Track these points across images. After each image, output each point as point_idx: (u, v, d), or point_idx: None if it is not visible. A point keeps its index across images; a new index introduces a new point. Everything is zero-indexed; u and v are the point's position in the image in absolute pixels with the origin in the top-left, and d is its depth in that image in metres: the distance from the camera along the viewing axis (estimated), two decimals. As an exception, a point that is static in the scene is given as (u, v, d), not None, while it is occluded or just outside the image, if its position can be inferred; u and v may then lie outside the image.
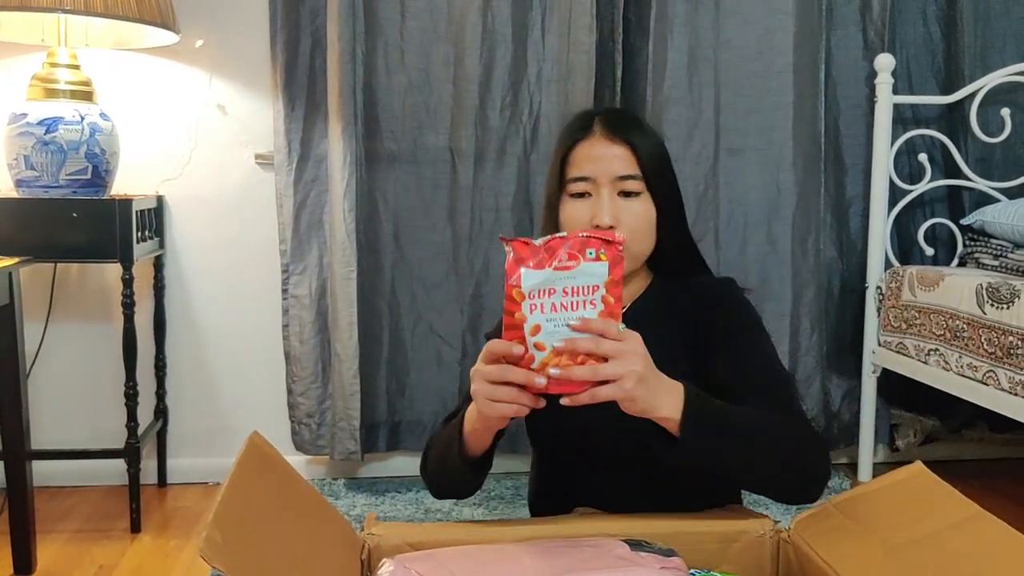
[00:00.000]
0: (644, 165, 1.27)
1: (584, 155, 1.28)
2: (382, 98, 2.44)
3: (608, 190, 1.26)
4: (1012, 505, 2.43)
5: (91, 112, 2.16)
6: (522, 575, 1.00)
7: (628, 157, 1.27)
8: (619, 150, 1.27)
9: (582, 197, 1.28)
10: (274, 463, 1.09)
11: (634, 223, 1.26)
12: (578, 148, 1.29)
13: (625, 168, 1.27)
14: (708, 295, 1.33)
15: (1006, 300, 2.02)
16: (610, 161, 1.27)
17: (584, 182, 1.27)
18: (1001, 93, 2.55)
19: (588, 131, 1.30)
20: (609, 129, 1.29)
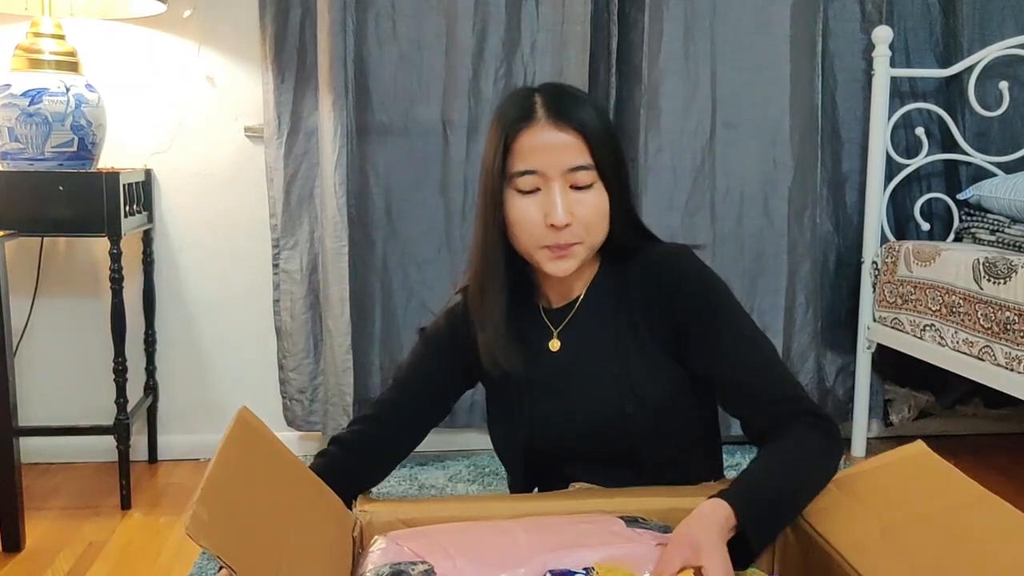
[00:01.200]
0: (595, 152, 1.17)
1: (529, 145, 1.16)
2: (373, 70, 2.40)
3: (559, 183, 1.15)
4: (1007, 480, 2.43)
5: (76, 83, 2.12)
6: (516, 550, 0.98)
7: (578, 145, 1.16)
8: (568, 138, 1.16)
9: (531, 193, 1.17)
10: (263, 438, 1.07)
11: (589, 216, 1.18)
12: (522, 137, 1.16)
13: (576, 158, 1.16)
14: (666, 269, 1.24)
15: (1003, 275, 2.00)
16: (559, 152, 1.15)
17: (531, 176, 1.16)
18: (999, 67, 2.53)
19: (531, 117, 1.16)
20: (554, 114, 1.16)
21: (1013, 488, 2.39)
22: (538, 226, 1.17)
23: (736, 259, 2.50)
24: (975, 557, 0.92)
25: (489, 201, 1.19)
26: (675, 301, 1.21)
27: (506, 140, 1.17)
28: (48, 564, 1.89)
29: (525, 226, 1.18)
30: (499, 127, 1.19)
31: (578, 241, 1.18)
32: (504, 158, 1.17)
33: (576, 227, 1.17)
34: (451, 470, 2.40)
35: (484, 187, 1.20)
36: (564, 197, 1.16)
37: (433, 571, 0.94)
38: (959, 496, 1.00)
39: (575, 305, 1.27)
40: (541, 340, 1.28)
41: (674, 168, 2.46)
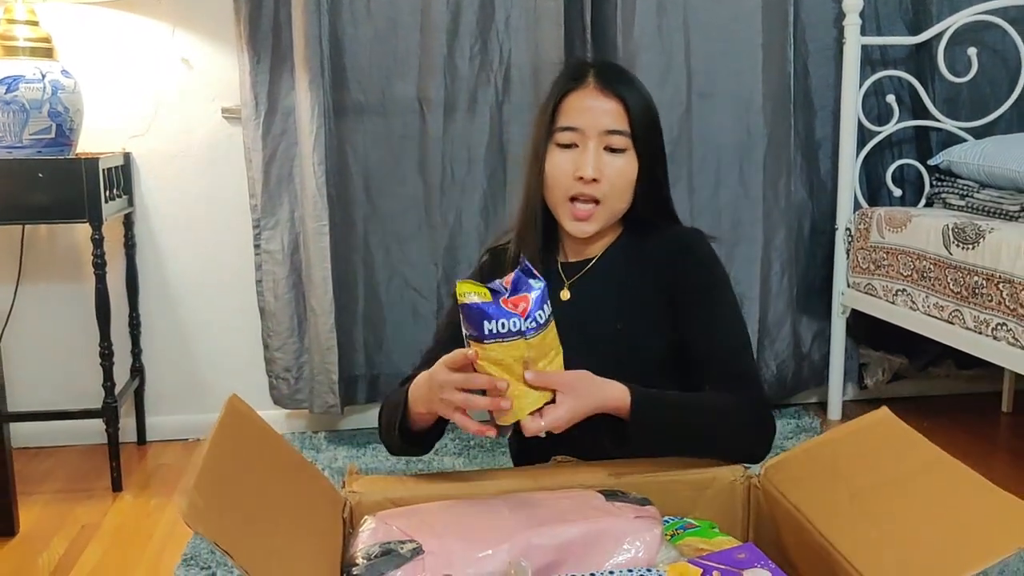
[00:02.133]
0: (633, 122, 1.28)
1: (575, 105, 1.29)
2: (349, 48, 2.41)
3: (595, 143, 1.27)
4: (976, 439, 2.50)
5: (52, 69, 2.12)
6: (501, 527, 1.02)
7: (619, 112, 1.28)
8: (610, 104, 1.28)
9: (568, 148, 1.29)
10: (253, 425, 1.10)
11: (616, 178, 1.28)
12: (569, 98, 1.30)
13: (614, 123, 1.28)
14: (678, 245, 1.34)
15: (971, 241, 2.05)
16: (600, 114, 1.28)
17: (572, 132, 1.28)
18: (968, 33, 2.56)
19: (581, 81, 1.30)
20: (602, 81, 1.29)
21: (982, 447, 2.46)
22: (568, 177, 1.28)
23: (713, 228, 2.49)
24: (936, 517, 0.96)
25: (534, 153, 1.33)
26: (675, 271, 1.32)
27: (556, 99, 1.30)
28: (43, 548, 1.92)
29: (557, 175, 1.30)
30: (552, 89, 1.33)
31: (600, 200, 1.29)
32: (552, 115, 1.30)
33: (602, 184, 1.28)
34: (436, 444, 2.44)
35: (533, 144, 1.34)
36: (597, 155, 1.27)
37: (421, 549, 0.98)
38: (920, 460, 1.05)
39: (589, 263, 1.37)
40: (555, 289, 1.36)
41: (650, 140, 2.49)
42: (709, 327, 1.29)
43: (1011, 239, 1.94)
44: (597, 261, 1.37)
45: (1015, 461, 2.39)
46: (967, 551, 0.89)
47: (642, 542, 1.01)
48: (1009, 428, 2.65)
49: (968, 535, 0.92)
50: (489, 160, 2.47)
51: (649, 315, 1.32)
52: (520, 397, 1.06)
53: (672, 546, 1.05)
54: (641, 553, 1.00)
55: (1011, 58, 2.60)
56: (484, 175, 2.48)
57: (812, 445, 1.18)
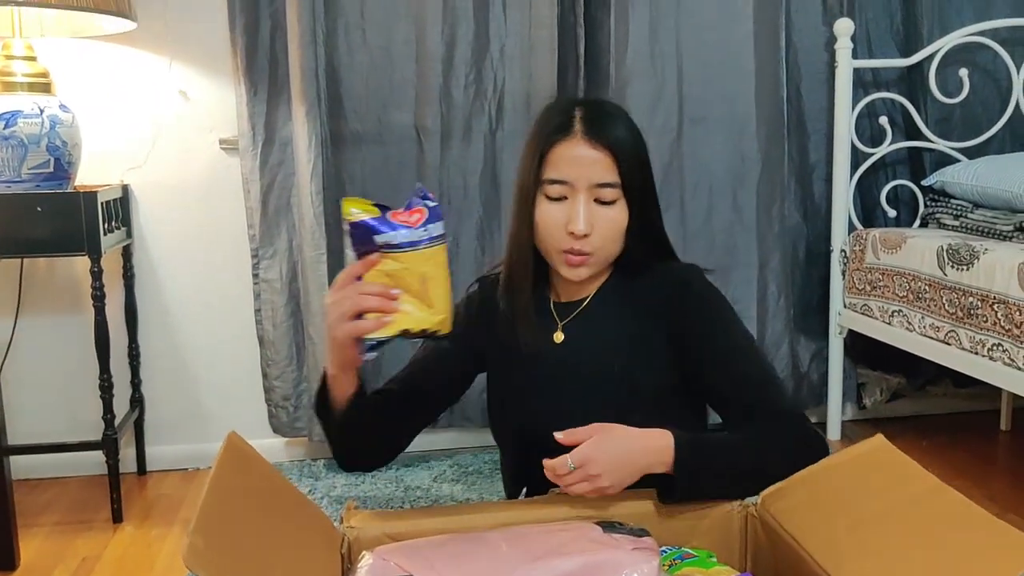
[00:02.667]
0: (623, 172, 1.25)
1: (563, 157, 1.26)
2: (345, 78, 2.43)
3: (585, 195, 1.25)
4: (975, 457, 2.50)
5: (50, 104, 2.13)
6: (499, 561, 1.03)
7: (608, 163, 1.24)
8: (599, 155, 1.24)
9: (558, 200, 1.26)
10: (253, 462, 1.11)
11: (608, 231, 1.27)
12: (557, 148, 1.26)
13: (603, 175, 1.25)
14: (673, 284, 1.33)
15: (966, 262, 2.07)
16: (589, 167, 1.25)
17: (561, 185, 1.26)
18: (959, 54, 2.58)
19: (568, 130, 1.26)
20: (590, 131, 1.25)
21: (981, 465, 2.46)
22: (559, 230, 1.27)
23: (707, 254, 2.55)
24: (932, 547, 0.97)
25: (522, 202, 1.30)
26: (677, 308, 1.31)
27: (543, 149, 1.27)
28: (43, 581, 1.92)
29: (548, 229, 1.28)
30: (538, 136, 1.29)
31: (591, 251, 1.27)
32: (539, 165, 1.27)
33: (594, 238, 1.26)
34: (435, 470, 2.45)
35: (519, 189, 1.32)
36: (587, 209, 1.25)
37: (419, 585, 0.99)
38: (917, 489, 1.05)
39: (583, 303, 1.36)
40: (547, 331, 1.36)
41: (644, 166, 2.50)
42: (724, 361, 1.28)
43: (1005, 260, 1.95)
44: (591, 301, 1.36)
45: (1014, 479, 2.39)
46: (962, 581, 0.89)
47: (640, 573, 1.01)
48: (1008, 446, 2.65)
49: (964, 565, 0.92)
50: (484, 187, 2.49)
51: (647, 356, 1.31)
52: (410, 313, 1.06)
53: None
54: (639, 585, 1.01)
55: (1002, 78, 2.62)
56: (479, 202, 2.49)
57: (808, 474, 1.18)
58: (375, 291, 1.09)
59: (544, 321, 1.36)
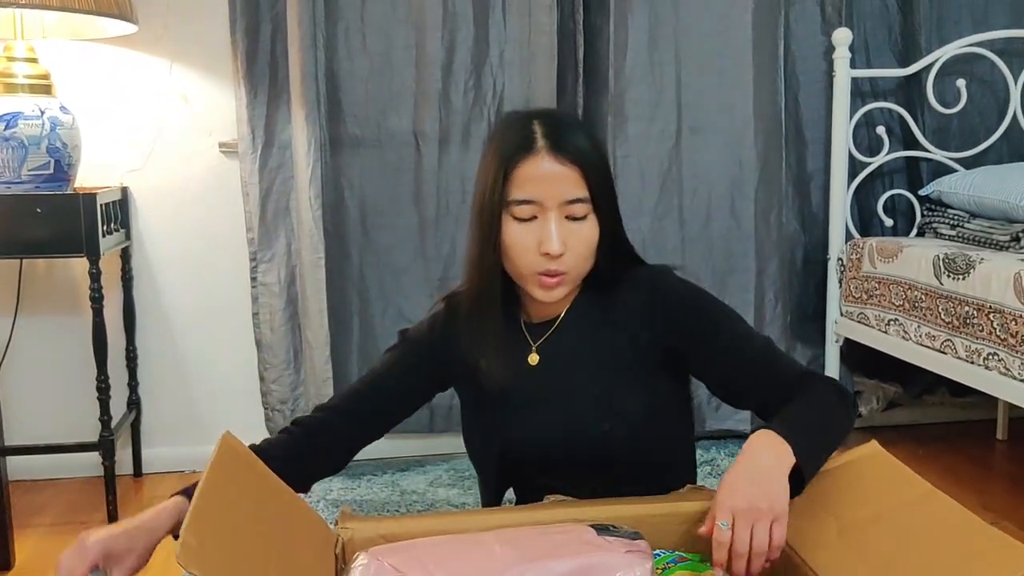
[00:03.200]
0: (592, 185, 1.21)
1: (528, 175, 1.19)
2: (344, 83, 2.44)
3: (556, 214, 1.19)
4: (972, 466, 2.50)
5: (51, 106, 2.14)
6: (492, 562, 1.03)
7: (576, 178, 1.20)
8: (567, 170, 1.19)
9: (527, 221, 1.21)
10: (247, 463, 1.11)
11: (581, 248, 1.22)
12: (522, 166, 1.20)
13: (574, 191, 1.20)
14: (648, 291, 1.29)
15: (962, 271, 2.07)
16: (558, 184, 1.19)
17: (530, 205, 1.20)
18: (957, 64, 2.60)
19: (531, 148, 1.20)
20: (555, 146, 1.20)
21: (978, 474, 2.47)
22: (532, 253, 1.21)
23: (705, 260, 2.56)
24: (924, 552, 0.97)
25: (487, 225, 1.22)
26: (666, 317, 1.26)
27: (506, 168, 1.20)
28: (38, 582, 1.92)
29: (520, 252, 1.22)
30: (498, 154, 1.22)
31: (566, 270, 1.22)
32: (503, 185, 1.20)
33: (568, 256, 1.21)
34: (431, 475, 2.45)
35: (481, 210, 1.23)
36: (559, 227, 1.20)
37: (413, 586, 0.99)
38: (909, 494, 1.06)
39: (555, 322, 1.32)
40: (521, 353, 1.32)
41: (642, 173, 2.52)
42: (731, 350, 1.25)
43: (1001, 269, 1.96)
44: (564, 319, 1.31)
45: (1011, 488, 2.40)
46: (953, 586, 0.90)
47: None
48: (1004, 455, 2.65)
49: (956, 570, 0.93)
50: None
51: (628, 374, 1.27)
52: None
53: (663, 581, 1.06)
54: (632, 588, 1.01)
55: (1000, 89, 2.63)
56: (478, 207, 2.49)
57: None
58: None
59: (517, 343, 1.32)
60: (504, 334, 1.29)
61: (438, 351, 1.35)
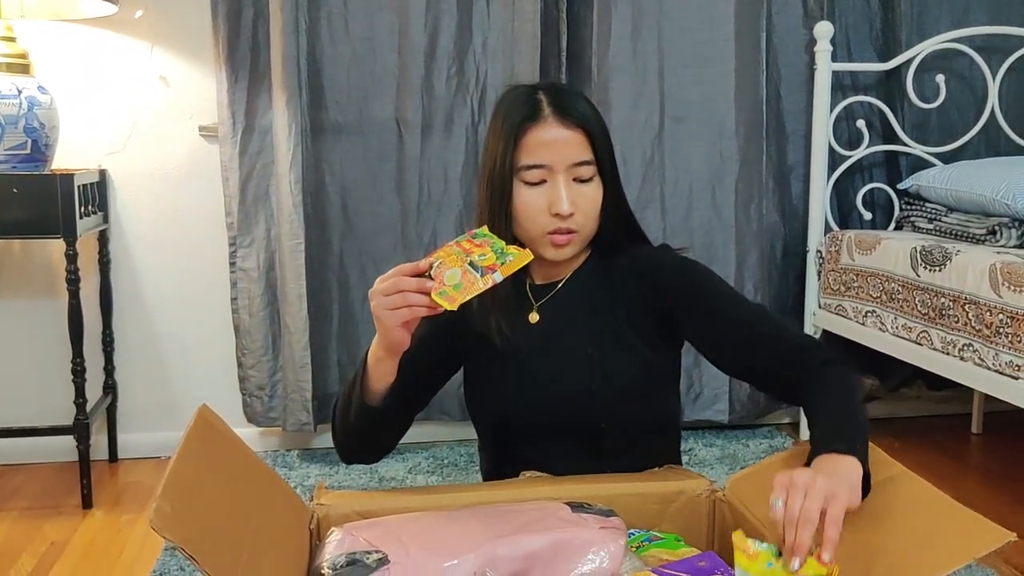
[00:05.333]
0: (597, 149, 1.28)
1: (537, 141, 1.26)
2: (327, 68, 2.43)
3: (564, 176, 1.26)
4: (947, 459, 2.53)
5: (28, 85, 2.12)
6: (467, 538, 1.03)
7: (582, 142, 1.26)
8: (573, 134, 1.26)
9: (537, 184, 1.27)
10: (223, 436, 1.10)
11: (588, 208, 1.28)
12: (530, 133, 1.26)
13: (580, 154, 1.26)
14: (649, 266, 1.34)
15: (938, 263, 2.09)
16: (565, 147, 1.26)
17: (539, 169, 1.26)
18: (936, 60, 2.62)
19: (539, 115, 1.26)
20: (561, 113, 1.26)
21: (953, 467, 2.49)
22: (543, 214, 1.27)
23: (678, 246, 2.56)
24: (894, 530, 0.98)
25: (497, 192, 1.28)
26: (660, 287, 1.31)
27: (516, 136, 1.26)
28: (11, 564, 1.90)
29: (531, 214, 1.27)
30: (506, 124, 1.28)
31: (577, 230, 1.28)
32: (513, 152, 1.26)
33: (577, 216, 1.27)
34: (410, 462, 2.44)
35: (490, 179, 1.29)
36: (568, 189, 1.26)
37: (387, 559, 0.99)
38: (881, 474, 1.06)
39: (558, 284, 1.36)
40: (523, 312, 1.36)
41: (624, 163, 2.51)
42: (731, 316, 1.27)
43: (977, 261, 1.98)
44: (566, 282, 1.36)
45: (985, 481, 2.42)
46: (923, 561, 0.90)
47: (607, 552, 1.02)
48: (979, 449, 2.68)
49: (925, 546, 0.93)
50: (465, 180, 2.49)
51: (622, 340, 1.31)
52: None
53: (637, 557, 1.06)
54: (606, 563, 1.01)
55: (978, 85, 2.66)
56: (460, 195, 2.49)
57: (776, 460, 1.19)
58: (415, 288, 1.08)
59: (520, 303, 1.37)
60: (509, 294, 1.33)
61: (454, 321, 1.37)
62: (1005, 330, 1.87)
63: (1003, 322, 1.87)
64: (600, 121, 1.31)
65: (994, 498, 2.27)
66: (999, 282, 1.89)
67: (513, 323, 1.33)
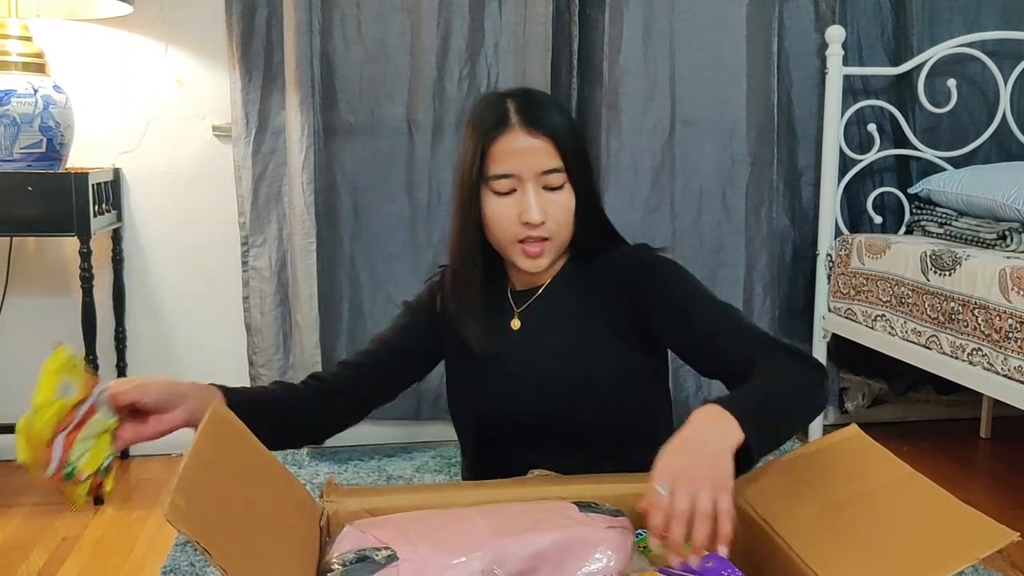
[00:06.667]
0: (565, 156, 1.27)
1: (505, 150, 1.25)
2: (339, 69, 2.44)
3: (533, 185, 1.25)
4: (956, 464, 2.53)
5: (44, 84, 2.14)
6: (475, 535, 1.04)
7: (549, 150, 1.26)
8: (540, 143, 1.25)
9: (506, 194, 1.26)
10: (236, 432, 1.11)
11: (560, 215, 1.28)
12: (498, 143, 1.25)
13: (548, 162, 1.26)
14: (626, 265, 1.33)
15: (948, 268, 2.09)
16: (533, 156, 1.25)
17: (508, 179, 1.26)
18: (948, 64, 2.61)
19: (506, 124, 1.26)
20: (528, 121, 1.26)
21: (961, 471, 2.49)
22: (513, 223, 1.27)
23: (696, 254, 2.57)
24: (902, 531, 0.98)
25: (467, 201, 1.28)
26: (634, 284, 1.31)
27: (483, 145, 1.26)
28: (22, 560, 1.92)
29: (501, 223, 1.27)
30: (475, 133, 1.28)
31: (549, 237, 1.28)
32: (481, 162, 1.26)
33: (549, 224, 1.27)
34: (418, 461, 2.46)
35: (462, 187, 1.30)
36: (538, 197, 1.26)
37: (396, 556, 1.00)
38: (889, 475, 1.07)
39: (538, 290, 1.36)
40: (504, 319, 1.36)
41: (635, 166, 2.53)
42: (695, 314, 1.26)
43: (987, 266, 1.98)
44: (547, 288, 1.36)
45: (993, 485, 2.42)
46: (927, 561, 0.91)
47: (614, 551, 1.03)
48: (987, 453, 2.67)
49: (930, 546, 0.94)
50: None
51: (603, 344, 1.31)
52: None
53: (644, 556, 1.07)
54: (613, 562, 1.02)
55: (990, 90, 2.65)
56: (470, 196, 2.50)
57: (783, 460, 1.20)
58: None
59: (501, 310, 1.37)
60: (487, 301, 1.35)
61: (436, 317, 1.41)
62: (1014, 335, 1.87)
63: (1012, 327, 1.87)
64: (571, 128, 1.30)
65: (1001, 502, 2.26)
66: (1008, 287, 1.89)
67: (493, 330, 1.34)
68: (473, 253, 1.32)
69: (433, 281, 1.45)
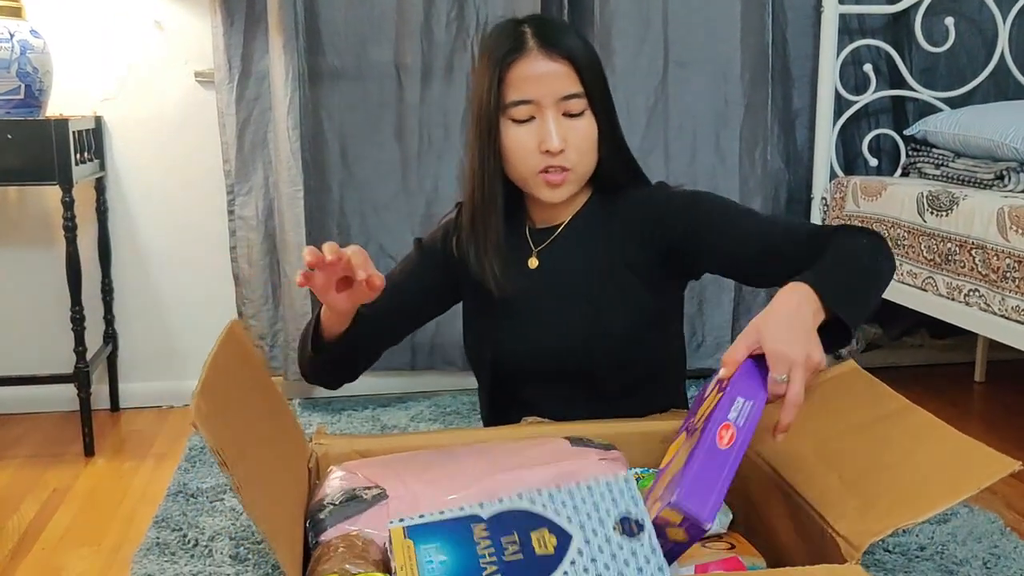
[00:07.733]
0: (586, 81, 1.23)
1: (522, 75, 1.22)
2: (323, 12, 2.38)
3: (552, 111, 1.22)
4: (950, 407, 2.52)
5: (20, 29, 2.08)
6: (466, 473, 1.03)
7: (569, 74, 1.22)
8: (559, 67, 1.22)
9: (525, 122, 1.23)
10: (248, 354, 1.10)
11: (581, 143, 1.24)
12: (515, 68, 1.22)
13: (568, 87, 1.22)
14: (651, 204, 1.31)
15: (945, 208, 2.06)
16: (552, 81, 1.22)
17: (526, 105, 1.22)
18: (945, 2, 2.56)
19: (523, 48, 1.22)
20: (545, 44, 1.22)
21: (956, 415, 2.48)
22: (533, 153, 1.23)
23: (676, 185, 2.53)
24: (896, 461, 0.97)
25: (484, 132, 1.25)
26: (663, 220, 1.28)
27: (499, 72, 1.22)
28: (13, 510, 1.90)
29: (521, 153, 1.24)
30: (491, 60, 1.24)
31: (570, 167, 1.24)
32: (499, 89, 1.22)
33: (569, 152, 1.23)
34: (413, 410, 2.44)
35: (478, 119, 1.26)
36: (558, 124, 1.22)
37: (385, 494, 0.98)
38: (885, 408, 1.05)
39: (558, 228, 1.33)
40: (522, 257, 1.34)
41: (628, 108, 2.48)
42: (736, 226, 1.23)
43: (984, 206, 1.95)
44: (566, 227, 1.33)
45: (988, 430, 2.41)
46: (931, 492, 0.90)
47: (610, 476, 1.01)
48: (982, 398, 2.67)
49: (932, 477, 0.93)
50: (466, 126, 2.46)
51: (621, 284, 1.29)
52: None
53: (639, 492, 1.05)
54: (607, 498, 1.00)
55: (988, 28, 2.60)
56: (461, 141, 2.46)
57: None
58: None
59: (519, 248, 1.34)
60: (506, 238, 1.31)
61: (451, 257, 1.38)
62: (1012, 274, 1.85)
63: (1010, 266, 1.85)
64: (590, 52, 1.26)
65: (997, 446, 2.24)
66: (1007, 226, 1.86)
67: (510, 269, 1.31)
68: (494, 188, 1.28)
69: (449, 219, 1.42)
